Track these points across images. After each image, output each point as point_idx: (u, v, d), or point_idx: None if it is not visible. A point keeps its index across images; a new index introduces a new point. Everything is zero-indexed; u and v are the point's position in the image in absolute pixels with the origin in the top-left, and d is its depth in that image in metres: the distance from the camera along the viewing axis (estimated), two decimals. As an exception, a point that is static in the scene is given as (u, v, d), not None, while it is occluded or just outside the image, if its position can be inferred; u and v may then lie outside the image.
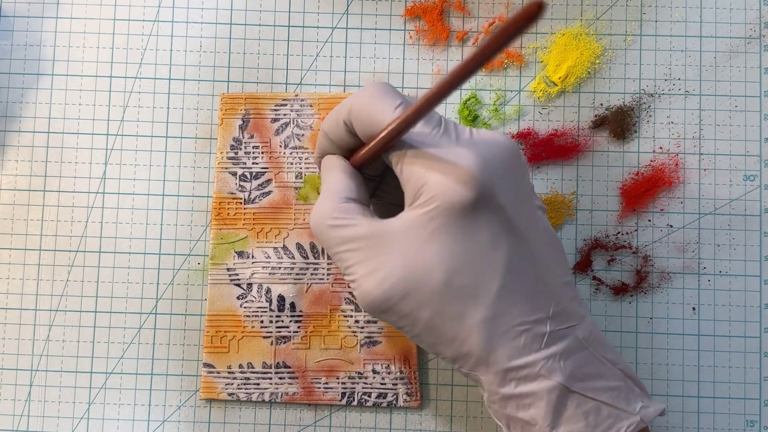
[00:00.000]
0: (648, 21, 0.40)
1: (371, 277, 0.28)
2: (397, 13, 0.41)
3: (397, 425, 0.39)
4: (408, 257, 0.27)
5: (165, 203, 0.40)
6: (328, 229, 0.29)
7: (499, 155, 0.28)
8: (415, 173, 0.28)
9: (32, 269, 0.40)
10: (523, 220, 0.28)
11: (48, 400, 0.39)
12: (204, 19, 0.41)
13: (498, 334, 0.28)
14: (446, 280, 0.27)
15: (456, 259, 0.27)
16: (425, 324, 0.28)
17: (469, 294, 0.27)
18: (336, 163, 0.31)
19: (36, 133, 0.40)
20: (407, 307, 0.28)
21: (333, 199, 0.30)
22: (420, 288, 0.28)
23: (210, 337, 0.39)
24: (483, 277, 0.27)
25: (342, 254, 0.29)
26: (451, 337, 0.28)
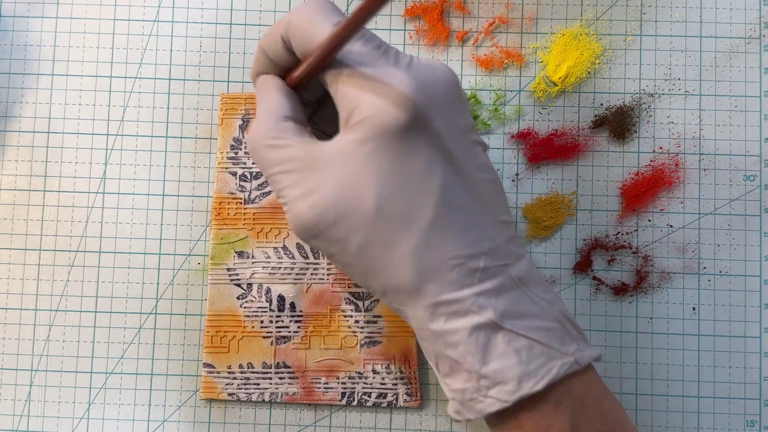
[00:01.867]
0: (648, 21, 0.40)
1: (303, 200, 0.27)
2: (397, 13, 0.41)
3: (397, 425, 0.39)
4: (340, 181, 0.27)
5: (165, 203, 0.40)
6: (264, 149, 0.28)
7: (437, 82, 0.27)
8: (350, 94, 0.27)
9: (32, 269, 0.40)
10: (460, 151, 0.27)
11: (48, 400, 0.39)
12: (204, 19, 0.41)
13: (429, 266, 0.27)
14: (378, 206, 0.26)
15: (388, 184, 0.26)
16: (356, 251, 0.27)
17: (401, 222, 0.27)
18: (271, 82, 0.30)
19: (36, 133, 0.40)
20: (338, 233, 0.27)
21: (269, 118, 0.29)
22: (351, 213, 0.27)
23: (210, 337, 0.39)
24: (416, 205, 0.27)
25: (276, 176, 0.28)
26: (381, 266, 0.27)
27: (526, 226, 0.39)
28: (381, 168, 0.26)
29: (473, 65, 0.40)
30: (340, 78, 0.27)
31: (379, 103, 0.26)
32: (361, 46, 0.28)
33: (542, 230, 0.39)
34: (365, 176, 0.26)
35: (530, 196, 0.40)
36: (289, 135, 0.28)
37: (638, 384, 0.39)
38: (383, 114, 0.26)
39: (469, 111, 0.29)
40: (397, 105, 0.26)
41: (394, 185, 0.26)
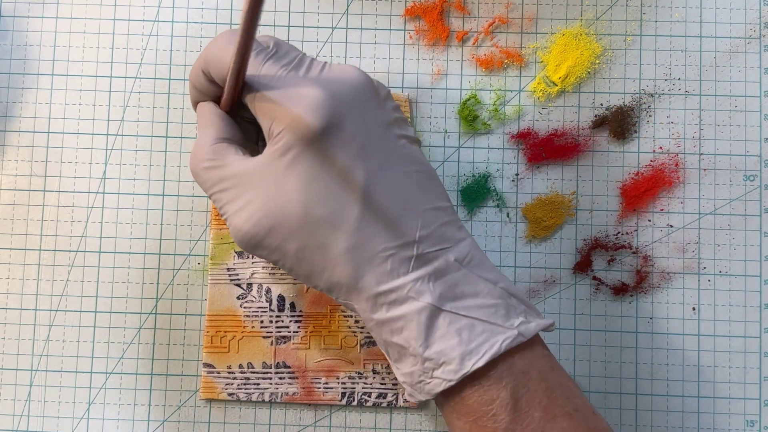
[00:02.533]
0: (648, 21, 0.40)
1: (239, 215, 0.29)
2: (397, 13, 0.41)
3: (397, 425, 0.39)
4: (269, 192, 0.28)
5: (165, 203, 0.40)
6: (203, 171, 0.30)
7: (348, 86, 0.29)
8: (266, 110, 0.29)
9: (32, 269, 0.40)
10: (380, 147, 0.29)
11: (48, 400, 0.39)
12: (204, 19, 0.41)
13: (363, 261, 0.28)
14: (305, 212, 0.28)
15: (312, 189, 0.28)
16: (294, 256, 0.29)
17: (329, 224, 0.28)
18: (206, 108, 0.32)
19: (36, 133, 0.40)
20: (274, 241, 0.29)
21: (205, 142, 0.30)
22: (283, 221, 0.28)
23: (210, 337, 0.39)
24: (341, 206, 0.28)
25: (216, 195, 0.30)
26: (320, 267, 0.29)
27: (526, 226, 0.39)
28: (302, 174, 0.28)
29: (473, 65, 0.40)
30: (256, 98, 0.29)
31: (292, 114, 0.28)
32: (270, 65, 0.29)
33: (542, 230, 0.39)
34: (289, 184, 0.28)
35: (530, 196, 0.40)
36: (223, 155, 0.30)
37: (638, 384, 0.39)
38: (297, 123, 0.27)
39: (391, 108, 0.30)
40: (309, 112, 0.27)
41: (318, 189, 0.28)
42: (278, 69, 0.29)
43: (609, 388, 0.39)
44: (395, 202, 0.29)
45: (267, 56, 0.29)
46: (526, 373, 0.28)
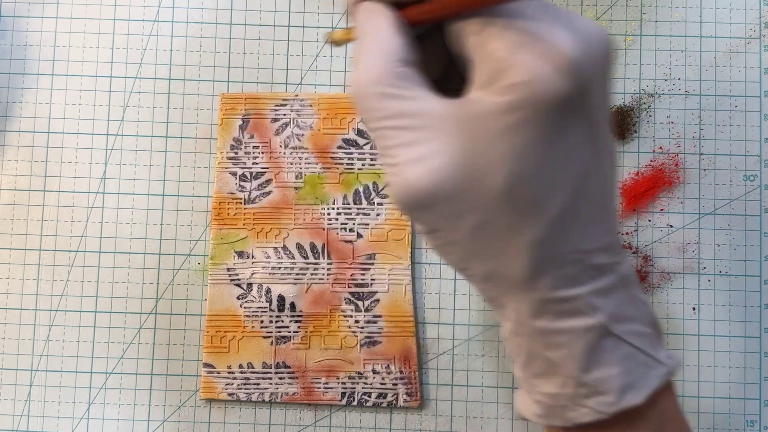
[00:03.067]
0: (648, 21, 0.40)
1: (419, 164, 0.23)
2: (397, 13, 0.41)
3: (397, 425, 0.39)
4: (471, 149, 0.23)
5: (165, 203, 0.40)
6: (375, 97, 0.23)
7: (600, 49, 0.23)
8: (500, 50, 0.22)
9: (32, 269, 0.40)
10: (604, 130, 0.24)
11: (48, 400, 0.39)
12: (204, 19, 0.41)
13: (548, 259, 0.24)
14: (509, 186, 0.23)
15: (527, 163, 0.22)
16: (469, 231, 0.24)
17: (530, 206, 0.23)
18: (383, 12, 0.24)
19: (36, 133, 0.40)
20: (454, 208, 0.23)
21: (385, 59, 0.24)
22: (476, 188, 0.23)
23: (210, 337, 0.39)
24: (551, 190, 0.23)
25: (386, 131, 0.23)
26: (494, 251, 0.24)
27: (526, 226, 0.39)
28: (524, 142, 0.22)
29: (473, 65, 0.40)
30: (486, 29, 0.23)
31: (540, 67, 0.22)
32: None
33: (542, 230, 0.39)
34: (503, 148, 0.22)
35: (530, 196, 0.40)
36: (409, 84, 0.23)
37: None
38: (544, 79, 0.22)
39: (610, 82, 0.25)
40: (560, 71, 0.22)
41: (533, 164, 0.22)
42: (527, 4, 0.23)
43: (609, 388, 0.39)
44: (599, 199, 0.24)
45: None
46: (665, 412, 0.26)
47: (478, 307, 0.39)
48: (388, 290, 0.39)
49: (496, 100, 0.22)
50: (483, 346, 0.39)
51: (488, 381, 0.39)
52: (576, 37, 0.22)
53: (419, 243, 0.39)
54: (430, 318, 0.39)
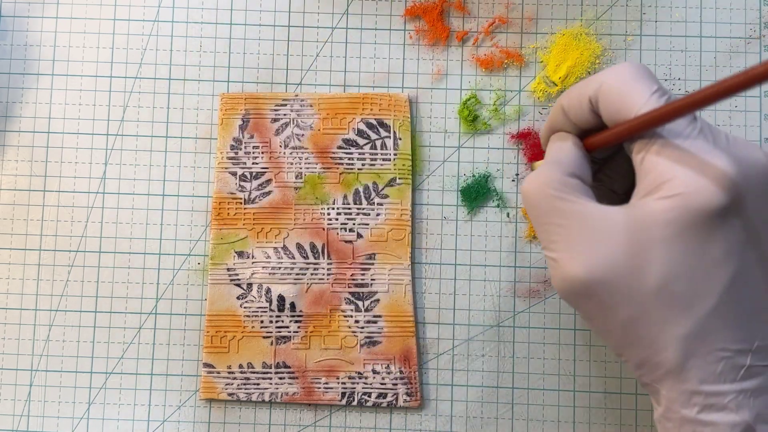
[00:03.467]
0: (648, 21, 0.40)
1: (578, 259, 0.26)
2: (397, 13, 0.41)
3: (397, 425, 0.39)
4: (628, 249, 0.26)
5: (165, 203, 0.40)
6: (547, 197, 0.27)
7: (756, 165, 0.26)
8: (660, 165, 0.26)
9: (32, 269, 0.40)
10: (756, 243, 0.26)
11: (48, 400, 0.39)
12: (204, 19, 0.41)
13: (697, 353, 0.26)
14: (661, 284, 0.26)
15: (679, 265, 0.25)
16: (623, 322, 0.26)
17: (681, 303, 0.26)
18: (568, 139, 0.29)
19: (36, 133, 0.40)
20: (609, 300, 0.26)
21: (559, 169, 0.28)
22: (630, 285, 0.26)
23: (210, 337, 0.39)
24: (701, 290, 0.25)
25: (551, 227, 0.27)
26: (646, 342, 0.26)
27: (526, 226, 0.39)
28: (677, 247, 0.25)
29: (473, 65, 0.40)
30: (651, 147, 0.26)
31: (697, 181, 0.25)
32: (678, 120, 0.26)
33: (542, 230, 0.39)
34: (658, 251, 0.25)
35: (530, 196, 0.40)
36: (575, 191, 0.27)
37: (638, 384, 0.39)
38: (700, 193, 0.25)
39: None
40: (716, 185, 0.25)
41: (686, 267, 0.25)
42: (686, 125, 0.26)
43: (609, 388, 0.39)
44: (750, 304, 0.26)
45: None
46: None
47: (478, 307, 0.39)
48: (388, 290, 0.39)
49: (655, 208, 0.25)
50: (483, 346, 0.39)
51: (488, 381, 0.39)
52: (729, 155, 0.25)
53: (419, 243, 0.39)
54: (430, 318, 0.39)
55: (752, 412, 0.26)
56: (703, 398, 0.26)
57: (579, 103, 0.29)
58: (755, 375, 0.26)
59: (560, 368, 0.39)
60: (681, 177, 0.25)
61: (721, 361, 0.26)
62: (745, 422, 0.26)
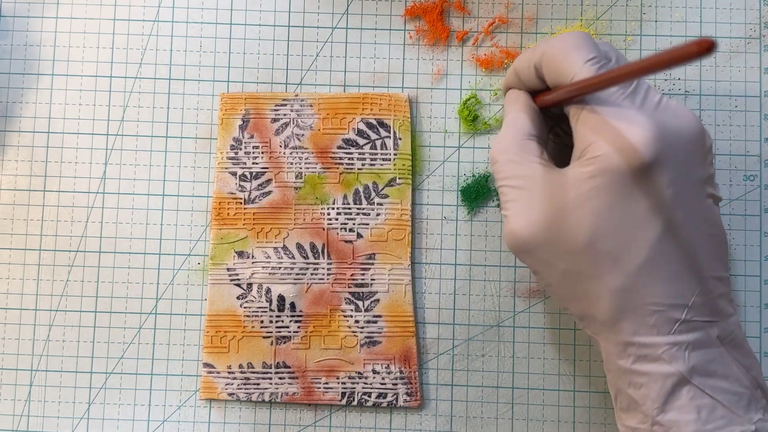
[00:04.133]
0: (648, 21, 0.40)
1: (521, 216, 0.29)
2: (397, 13, 0.41)
3: (397, 425, 0.39)
4: (559, 208, 0.28)
5: (165, 203, 0.40)
6: (506, 162, 0.30)
7: (682, 131, 0.27)
8: (586, 132, 0.28)
9: (32, 269, 0.40)
10: (688, 203, 0.28)
11: (48, 400, 0.39)
12: (204, 19, 0.41)
13: (629, 306, 0.27)
14: (590, 240, 0.27)
15: (604, 223, 0.27)
16: (560, 275, 0.29)
17: (609, 259, 0.27)
18: (521, 98, 0.32)
19: (36, 133, 0.40)
20: (546, 255, 0.28)
21: (516, 133, 0.30)
22: (563, 240, 0.28)
23: (210, 337, 0.39)
24: (628, 247, 0.27)
25: (505, 188, 0.30)
26: (581, 294, 0.28)
27: (526, 226, 0.39)
28: (604, 203, 0.27)
29: (473, 65, 0.40)
30: (580, 114, 0.28)
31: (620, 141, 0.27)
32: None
33: (542, 230, 0.39)
34: (585, 209, 0.27)
35: (530, 196, 0.40)
36: (529, 153, 0.30)
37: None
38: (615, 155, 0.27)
39: (710, 162, 0.29)
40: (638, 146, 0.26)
41: (611, 224, 0.27)
42: (615, 91, 0.28)
43: (609, 388, 0.39)
44: (682, 261, 0.27)
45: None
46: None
47: (478, 307, 0.39)
48: (388, 290, 0.39)
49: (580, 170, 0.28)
50: (483, 346, 0.39)
51: (488, 381, 0.39)
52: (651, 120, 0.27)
53: (419, 243, 0.39)
54: (430, 318, 0.39)
55: (687, 364, 0.27)
56: (637, 349, 0.28)
57: (527, 69, 0.31)
58: (692, 329, 0.27)
59: (560, 368, 0.39)
60: (600, 140, 0.27)
61: (654, 315, 0.27)
62: (679, 373, 0.27)
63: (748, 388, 0.28)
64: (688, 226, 0.27)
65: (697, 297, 0.28)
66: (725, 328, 0.28)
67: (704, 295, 0.28)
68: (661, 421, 0.27)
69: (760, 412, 0.28)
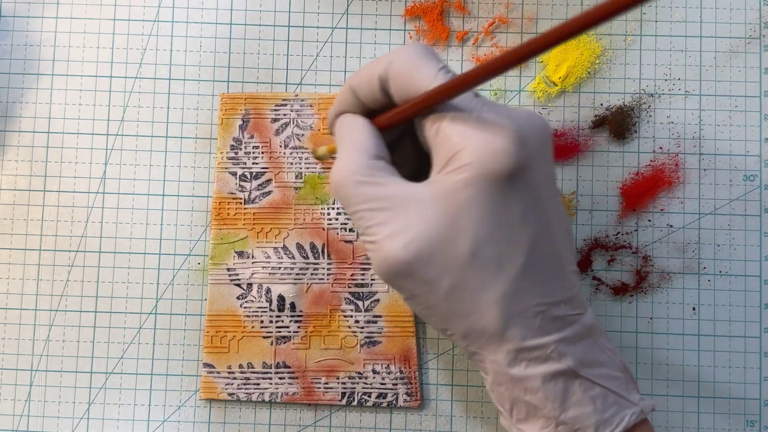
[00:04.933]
0: (648, 21, 0.40)
1: (395, 239, 0.27)
2: (397, 13, 0.41)
3: (397, 425, 0.39)
4: (437, 222, 0.27)
5: (165, 203, 0.40)
6: (354, 185, 0.28)
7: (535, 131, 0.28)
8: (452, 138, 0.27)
9: (32, 269, 0.40)
10: (551, 201, 0.28)
11: (48, 400, 0.39)
12: (204, 19, 0.41)
13: (516, 311, 0.27)
14: (473, 250, 0.27)
15: (485, 229, 0.27)
16: (445, 293, 0.27)
17: (493, 267, 0.27)
18: (359, 121, 0.30)
19: (36, 133, 0.40)
20: (430, 274, 0.27)
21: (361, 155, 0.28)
22: (446, 254, 0.27)
23: (210, 337, 0.39)
24: (509, 251, 0.27)
25: (364, 213, 0.28)
26: (469, 309, 0.27)
27: (526, 226, 0.39)
28: (480, 212, 0.26)
29: (473, 65, 0.40)
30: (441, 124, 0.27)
31: (485, 150, 0.26)
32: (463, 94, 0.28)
33: (542, 230, 0.39)
34: (464, 219, 0.26)
35: (530, 196, 0.40)
36: (381, 173, 0.28)
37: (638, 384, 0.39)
38: (489, 160, 0.26)
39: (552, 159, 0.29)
40: (503, 153, 0.26)
41: (491, 230, 0.27)
42: (471, 99, 0.28)
43: (609, 388, 0.39)
44: (553, 259, 0.28)
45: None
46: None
47: (478, 307, 0.39)
48: (388, 290, 0.39)
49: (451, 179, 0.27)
50: (483, 346, 0.39)
51: (488, 381, 0.39)
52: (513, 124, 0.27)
53: (419, 243, 0.39)
54: (430, 318, 0.39)
55: (574, 358, 0.27)
56: (528, 353, 0.28)
57: (369, 83, 0.29)
58: (570, 324, 0.28)
59: (560, 368, 0.39)
60: (470, 147, 0.26)
61: (538, 316, 0.27)
62: (570, 368, 0.27)
63: (622, 371, 0.29)
64: (554, 223, 0.28)
65: (567, 291, 0.28)
66: (589, 318, 0.29)
67: (571, 289, 0.28)
68: (565, 420, 0.27)
69: (635, 392, 0.29)
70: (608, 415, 0.28)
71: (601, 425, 0.27)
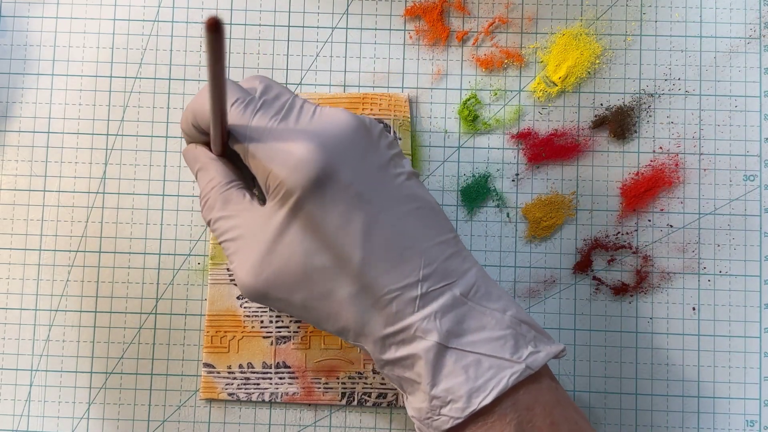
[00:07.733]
0: (648, 21, 0.40)
1: (243, 268, 0.29)
2: (397, 13, 0.41)
3: (397, 425, 0.39)
4: (269, 245, 0.28)
5: (165, 203, 0.40)
6: (216, 221, 0.30)
7: (339, 133, 0.29)
8: (260, 166, 0.29)
9: (32, 269, 0.40)
10: (378, 191, 0.29)
11: (48, 400, 0.39)
12: (204, 20, 0.41)
13: (368, 305, 0.28)
14: (306, 262, 0.28)
15: (312, 239, 0.28)
16: (300, 306, 0.29)
17: (332, 272, 0.28)
18: (200, 152, 0.32)
19: (36, 133, 0.40)
20: (280, 293, 0.29)
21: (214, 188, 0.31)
22: (285, 273, 0.28)
23: (210, 337, 0.39)
24: (342, 253, 0.28)
25: (225, 244, 0.30)
26: (326, 315, 0.29)
27: (526, 226, 0.39)
28: (301, 226, 0.28)
29: (473, 65, 0.40)
30: (248, 150, 0.29)
31: (288, 165, 0.28)
32: (260, 117, 0.29)
33: (542, 230, 0.39)
34: (289, 236, 0.28)
35: (530, 196, 0.40)
36: (234, 203, 0.30)
37: (638, 384, 0.39)
38: (292, 174, 0.28)
39: (386, 146, 0.30)
40: (300, 166, 0.27)
41: (318, 239, 0.28)
42: (268, 121, 0.29)
43: (609, 388, 0.39)
44: (397, 243, 0.28)
45: (255, 108, 0.29)
46: (530, 409, 0.28)
47: (478, 307, 0.39)
48: (388, 290, 0.39)
49: (271, 203, 0.29)
50: (483, 346, 0.39)
51: (488, 381, 0.39)
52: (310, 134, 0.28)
53: (419, 243, 0.39)
54: (430, 318, 0.39)
55: (441, 332, 0.28)
56: (393, 338, 0.29)
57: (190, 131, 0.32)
58: (434, 299, 0.28)
59: (560, 368, 0.39)
60: (277, 166, 0.28)
61: (393, 302, 0.28)
62: (436, 343, 0.28)
63: (511, 328, 0.29)
64: (387, 210, 0.29)
65: (425, 269, 0.28)
66: (467, 283, 0.29)
67: (432, 264, 0.29)
68: (437, 394, 0.28)
69: (530, 345, 0.29)
70: (481, 382, 0.28)
71: (473, 393, 0.28)
